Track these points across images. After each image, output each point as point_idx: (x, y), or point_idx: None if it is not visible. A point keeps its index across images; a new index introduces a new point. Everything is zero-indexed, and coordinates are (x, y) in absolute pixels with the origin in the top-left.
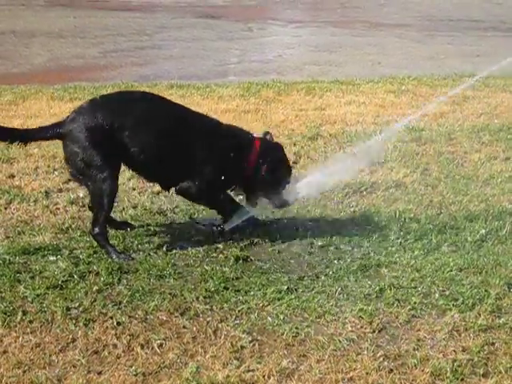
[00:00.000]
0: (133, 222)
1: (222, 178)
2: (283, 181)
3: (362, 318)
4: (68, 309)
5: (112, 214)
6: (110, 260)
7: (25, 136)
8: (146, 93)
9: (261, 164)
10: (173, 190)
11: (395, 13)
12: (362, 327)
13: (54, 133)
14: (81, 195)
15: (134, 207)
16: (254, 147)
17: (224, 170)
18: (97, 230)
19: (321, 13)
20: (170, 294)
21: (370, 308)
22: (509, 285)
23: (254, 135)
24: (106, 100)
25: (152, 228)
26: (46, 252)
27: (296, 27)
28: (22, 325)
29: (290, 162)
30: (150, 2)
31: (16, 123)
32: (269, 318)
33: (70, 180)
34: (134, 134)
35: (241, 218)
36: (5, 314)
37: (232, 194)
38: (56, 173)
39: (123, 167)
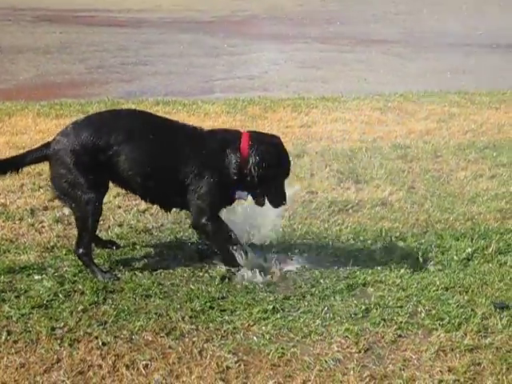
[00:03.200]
0: (118, 241)
1: (224, 179)
2: (281, 171)
3: (348, 337)
4: (53, 329)
5: (98, 233)
6: (95, 279)
7: (14, 164)
8: (131, 109)
9: (254, 153)
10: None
11: (382, 29)
12: (348, 347)
13: (41, 155)
14: (66, 213)
15: (120, 225)
16: (243, 139)
17: (221, 170)
18: (81, 250)
19: (307, 29)
20: (155, 313)
21: (356, 328)
22: (495, 304)
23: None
24: (91, 120)
25: (138, 247)
26: (31, 271)
27: (282, 43)
28: (6, 345)
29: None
30: (135, 18)
31: (1, 140)
32: (254, 338)
33: (55, 198)
34: (122, 152)
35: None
36: None
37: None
38: (41, 190)
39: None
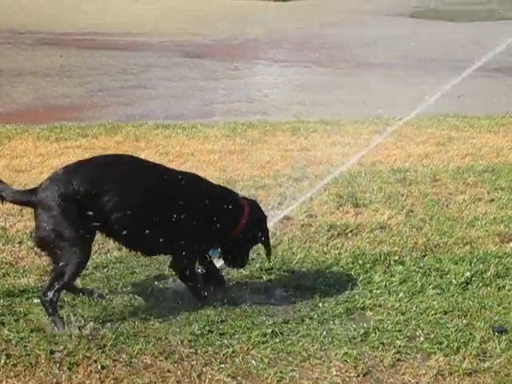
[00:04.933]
0: (117, 264)
1: (210, 241)
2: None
3: (347, 361)
4: (52, 352)
5: (96, 259)
6: (94, 303)
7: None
8: (124, 155)
9: (248, 229)
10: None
11: (380, 52)
12: (346, 371)
13: (25, 199)
14: None
15: (119, 249)
16: (244, 212)
17: (213, 233)
18: (49, 296)
19: (306, 52)
20: (154, 337)
21: (354, 352)
22: (493, 328)
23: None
24: (81, 166)
25: (137, 270)
26: (30, 294)
27: (281, 67)
28: (5, 368)
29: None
30: (135, 41)
31: (1, 163)
32: (253, 362)
33: (37, 247)
34: (113, 201)
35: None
36: None
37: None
38: None
39: None
